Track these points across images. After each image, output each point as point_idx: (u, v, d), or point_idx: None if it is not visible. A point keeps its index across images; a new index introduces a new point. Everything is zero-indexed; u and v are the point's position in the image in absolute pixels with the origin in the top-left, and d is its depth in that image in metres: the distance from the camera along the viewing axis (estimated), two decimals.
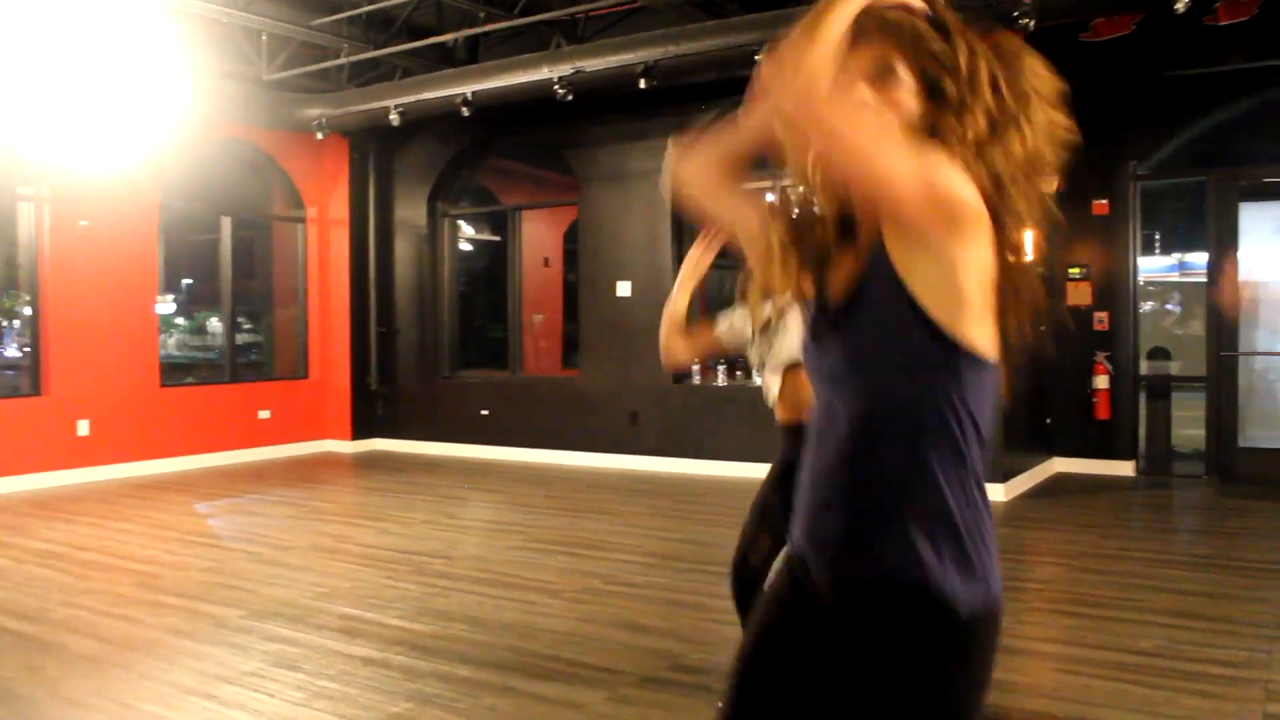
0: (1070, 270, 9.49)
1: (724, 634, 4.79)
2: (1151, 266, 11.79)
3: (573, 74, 8.25)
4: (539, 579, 5.90)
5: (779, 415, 3.57)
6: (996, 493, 8.22)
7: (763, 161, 1.72)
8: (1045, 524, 7.51)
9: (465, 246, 13.34)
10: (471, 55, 9.99)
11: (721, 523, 7.77)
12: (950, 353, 1.50)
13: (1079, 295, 9.44)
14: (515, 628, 4.97)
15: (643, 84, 8.15)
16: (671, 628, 5.08)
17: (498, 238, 13.21)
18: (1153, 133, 9.32)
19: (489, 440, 11.06)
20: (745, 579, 3.92)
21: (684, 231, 10.23)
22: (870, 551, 1.55)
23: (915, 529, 1.51)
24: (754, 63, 7.84)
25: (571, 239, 12.95)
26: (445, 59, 9.77)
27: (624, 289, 10.35)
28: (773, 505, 3.72)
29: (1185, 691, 4.09)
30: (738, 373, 10.24)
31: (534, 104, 9.48)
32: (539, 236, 13.24)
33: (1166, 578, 5.89)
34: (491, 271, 13.30)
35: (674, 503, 8.56)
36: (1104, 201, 9.37)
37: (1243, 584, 5.71)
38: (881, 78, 1.56)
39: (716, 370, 10.11)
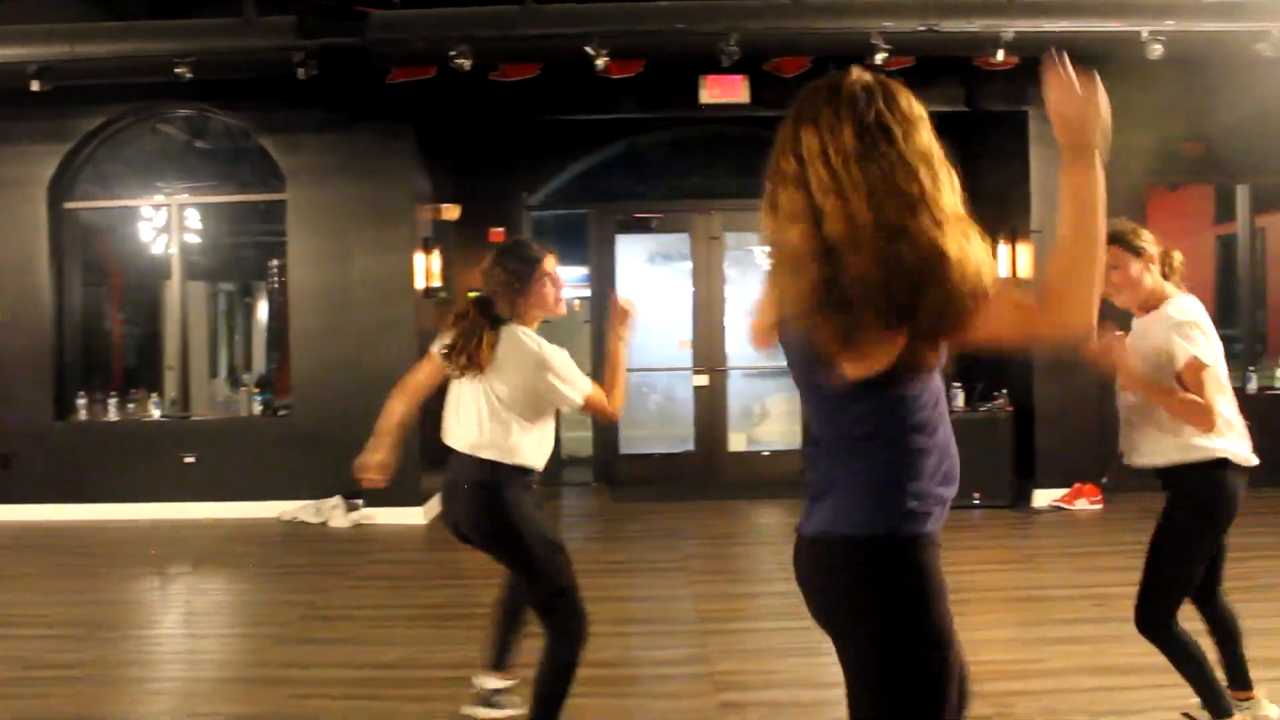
0: (469, 294, 9.90)
1: (173, 711, 4.46)
2: None
3: None
4: None
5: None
6: (416, 516, 8.39)
7: None
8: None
9: None
10: None
11: (141, 574, 7.14)
12: None
13: None
14: None
15: (35, 86, 7.18)
16: (122, 713, 4.57)
17: None
18: (545, 167, 10.14)
19: None
20: None
21: (65, 255, 9.21)
22: None
23: None
24: (161, 69, 7.30)
25: None
26: None
27: None
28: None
29: (645, 695, 4.54)
30: (130, 405, 9.42)
31: None
32: None
33: (606, 586, 6.41)
34: None
35: (75, 557, 7.65)
36: (500, 229, 9.94)
37: (667, 584, 6.39)
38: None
39: (107, 404, 9.21)
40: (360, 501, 8.55)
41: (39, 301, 9.04)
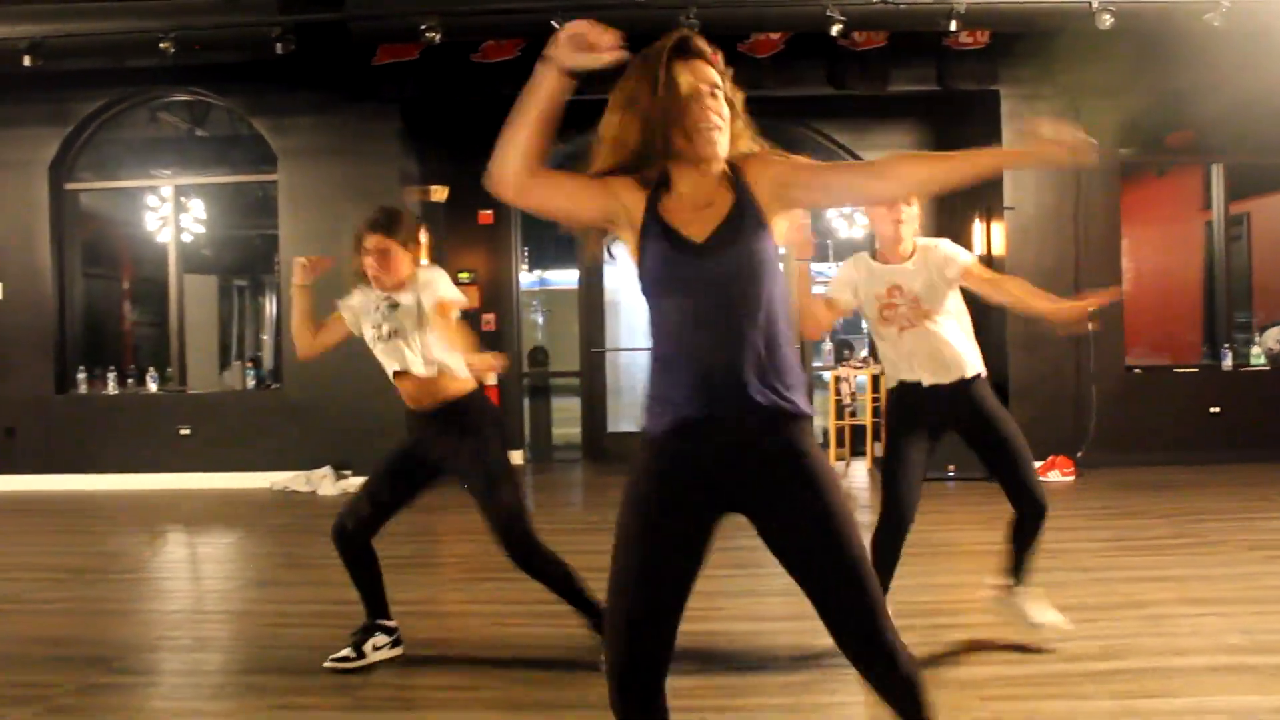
0: (460, 274, 10.14)
1: (148, 636, 4.70)
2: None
3: None
4: None
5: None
6: None
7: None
8: (452, 508, 8.01)
9: None
10: None
11: (128, 531, 7.42)
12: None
13: (468, 298, 10.13)
14: None
15: (27, 61, 7.49)
16: (98, 636, 4.80)
17: None
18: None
19: None
20: (349, 539, 4.17)
21: (65, 234, 9.51)
22: None
23: None
24: (148, 50, 7.62)
25: None
26: None
27: None
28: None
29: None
30: (129, 380, 9.71)
31: None
32: None
33: (575, 543, 6.61)
34: None
35: (73, 518, 7.95)
36: (489, 212, 10.17)
37: None
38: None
39: (106, 379, 9.50)
40: (349, 471, 8.82)
41: (40, 279, 9.34)
